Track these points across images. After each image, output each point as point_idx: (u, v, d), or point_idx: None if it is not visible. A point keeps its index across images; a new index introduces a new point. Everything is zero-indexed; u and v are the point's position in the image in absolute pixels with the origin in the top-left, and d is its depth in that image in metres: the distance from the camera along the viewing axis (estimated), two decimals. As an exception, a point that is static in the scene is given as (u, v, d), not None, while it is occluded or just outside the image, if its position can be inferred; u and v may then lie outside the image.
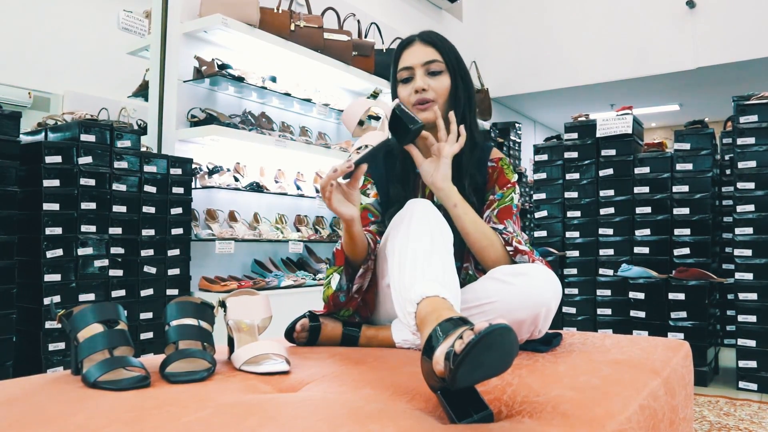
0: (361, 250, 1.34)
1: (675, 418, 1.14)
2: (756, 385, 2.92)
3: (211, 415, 0.81)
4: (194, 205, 3.03)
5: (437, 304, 0.98)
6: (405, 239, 1.14)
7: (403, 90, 1.47)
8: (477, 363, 0.76)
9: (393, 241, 1.19)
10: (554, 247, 3.63)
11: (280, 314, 1.36)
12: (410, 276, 1.07)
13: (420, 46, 1.47)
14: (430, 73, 1.45)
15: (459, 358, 0.75)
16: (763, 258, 2.93)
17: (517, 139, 6.53)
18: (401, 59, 1.48)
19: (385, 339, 1.37)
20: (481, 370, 0.78)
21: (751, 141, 3.01)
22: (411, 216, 1.19)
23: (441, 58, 1.46)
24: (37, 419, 0.81)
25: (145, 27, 3.43)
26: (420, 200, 1.25)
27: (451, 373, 0.77)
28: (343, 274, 1.37)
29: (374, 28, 4.42)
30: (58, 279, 2.39)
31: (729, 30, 5.40)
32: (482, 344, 0.75)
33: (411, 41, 1.49)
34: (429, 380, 0.86)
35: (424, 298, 1.00)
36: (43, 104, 4.32)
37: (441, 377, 0.81)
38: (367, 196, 1.51)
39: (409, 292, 1.04)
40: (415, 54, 1.46)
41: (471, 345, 0.75)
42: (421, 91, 1.43)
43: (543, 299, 1.22)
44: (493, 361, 0.78)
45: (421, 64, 1.45)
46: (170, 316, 1.12)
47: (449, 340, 0.82)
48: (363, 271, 1.36)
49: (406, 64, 1.46)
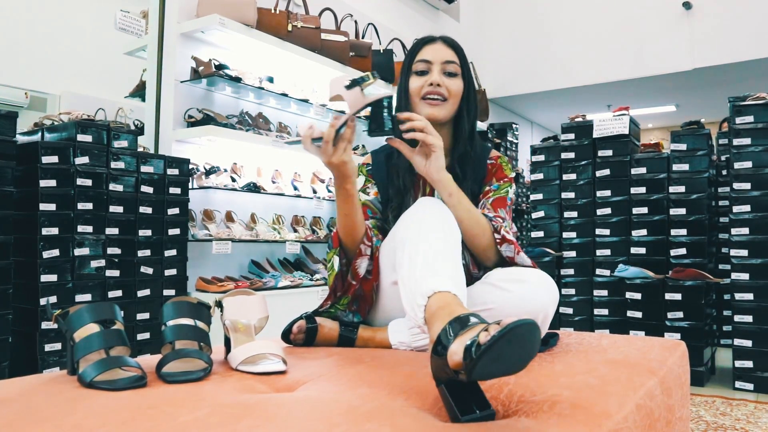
0: (359, 223, 1.37)
1: (671, 417, 1.15)
2: (752, 385, 2.92)
3: (207, 415, 0.81)
4: (191, 206, 3.02)
5: (449, 300, 0.99)
6: (417, 234, 1.15)
7: (416, 81, 1.48)
8: (499, 356, 0.76)
9: (404, 233, 1.19)
10: (551, 248, 3.64)
11: (276, 314, 1.36)
12: (422, 270, 1.07)
13: (441, 46, 1.50)
14: (447, 73, 1.48)
15: (483, 349, 0.75)
16: (759, 258, 2.94)
17: (514, 139, 6.54)
18: (420, 52, 1.50)
19: (381, 341, 1.37)
20: (501, 364, 0.78)
21: (747, 142, 3.02)
22: (424, 212, 1.20)
23: (458, 62, 1.49)
24: (33, 419, 0.81)
25: (142, 27, 3.43)
26: (432, 198, 1.26)
27: (471, 362, 0.77)
28: (338, 256, 1.41)
29: (371, 29, 4.42)
30: (55, 279, 2.39)
31: (725, 31, 5.42)
32: (508, 338, 0.75)
33: (433, 39, 1.51)
34: (438, 373, 0.86)
35: (435, 293, 1.01)
36: (40, 104, 4.31)
37: (455, 369, 0.81)
38: (367, 194, 1.53)
39: (420, 285, 1.04)
40: (437, 51, 1.49)
41: (497, 337, 0.74)
42: (436, 85, 1.45)
43: (541, 305, 1.23)
44: (514, 357, 0.78)
45: (440, 62, 1.47)
46: (167, 316, 1.12)
47: (470, 332, 0.82)
48: (357, 255, 1.39)
49: (425, 57, 1.48)
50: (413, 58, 1.50)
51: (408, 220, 1.22)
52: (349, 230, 1.38)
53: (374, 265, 1.40)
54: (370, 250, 1.40)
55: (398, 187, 1.50)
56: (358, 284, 1.39)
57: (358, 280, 1.39)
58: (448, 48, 1.50)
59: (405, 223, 1.22)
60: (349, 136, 1.26)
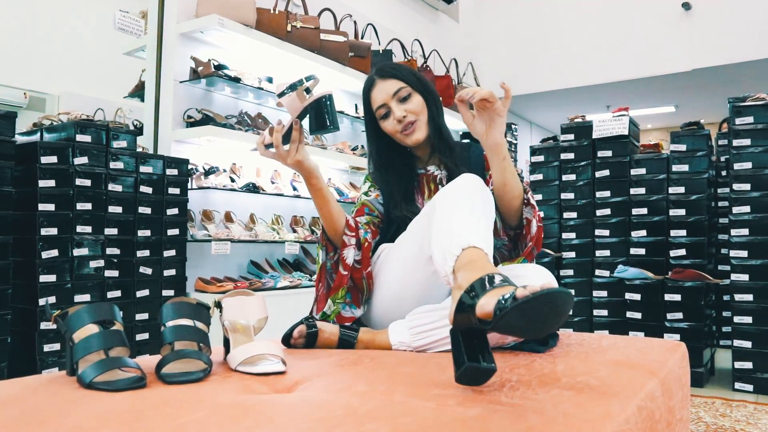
0: (335, 214, 1.47)
1: (672, 419, 1.14)
2: (752, 386, 2.92)
3: (207, 416, 0.81)
4: (190, 206, 3.02)
5: (482, 257, 1.03)
6: (460, 193, 1.21)
7: (386, 124, 1.58)
8: (529, 314, 0.79)
9: (446, 193, 1.24)
10: (551, 249, 3.63)
11: (276, 315, 1.36)
12: (460, 223, 1.11)
13: (381, 83, 1.57)
14: (402, 99, 1.56)
15: (519, 302, 0.78)
16: (758, 259, 2.94)
17: (513, 140, 6.54)
18: (372, 101, 1.59)
19: (382, 343, 1.38)
20: (527, 321, 0.81)
21: (747, 142, 3.02)
22: (465, 182, 1.25)
23: (404, 84, 1.56)
24: (32, 420, 0.80)
25: (141, 27, 3.43)
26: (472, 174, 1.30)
27: (502, 311, 0.80)
28: (324, 250, 1.51)
29: (371, 29, 4.42)
30: (54, 280, 2.38)
31: (724, 32, 5.42)
32: (545, 299, 0.78)
33: (372, 82, 1.60)
34: (461, 318, 0.90)
35: (471, 246, 1.04)
36: (39, 104, 4.31)
37: (481, 319, 0.85)
38: (368, 196, 1.62)
39: (458, 236, 1.07)
40: (382, 90, 1.57)
41: (538, 295, 0.78)
42: (402, 119, 1.54)
43: None
44: (540, 320, 0.81)
45: (391, 96, 1.55)
46: (166, 316, 1.11)
47: (507, 288, 0.85)
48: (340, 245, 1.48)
49: (379, 103, 1.58)
50: (371, 110, 1.59)
51: (448, 189, 1.26)
52: (329, 222, 1.48)
53: (363, 254, 1.47)
54: (355, 240, 1.48)
55: (402, 192, 1.58)
56: (349, 273, 1.46)
57: (348, 270, 1.46)
58: (388, 79, 1.56)
59: (446, 191, 1.27)
60: (297, 137, 1.36)
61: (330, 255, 1.51)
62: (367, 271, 1.46)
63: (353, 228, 1.49)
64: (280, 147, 1.36)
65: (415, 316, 1.34)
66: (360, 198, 1.64)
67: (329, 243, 1.51)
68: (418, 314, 1.34)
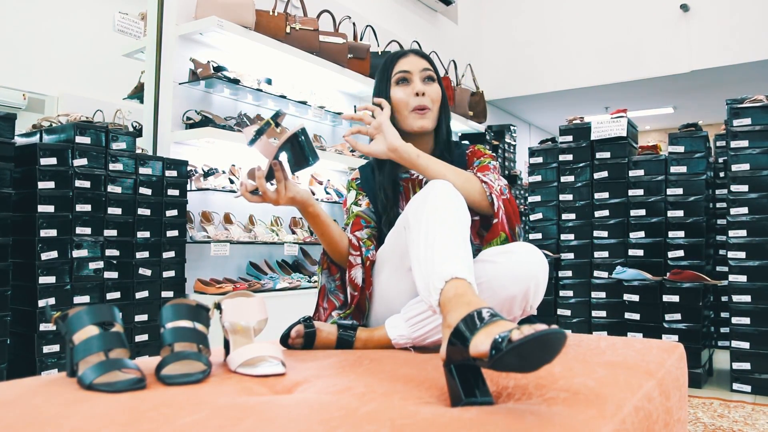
0: (337, 237, 1.47)
1: (669, 419, 1.15)
2: (750, 387, 2.93)
3: (206, 418, 0.81)
4: (189, 208, 3.02)
5: (467, 289, 1.01)
6: (433, 215, 1.16)
7: (399, 91, 1.56)
8: (525, 354, 0.81)
9: (418, 214, 1.19)
10: (549, 250, 3.64)
11: (275, 316, 1.36)
12: (441, 253, 1.09)
13: (415, 57, 1.59)
14: (426, 79, 1.57)
15: (514, 345, 0.79)
16: (756, 260, 2.95)
17: (511, 141, 6.55)
18: (398, 64, 1.58)
19: (380, 339, 1.37)
20: (523, 361, 0.82)
21: (745, 144, 3.03)
22: (436, 194, 1.21)
23: (433, 71, 1.60)
24: (32, 422, 0.80)
25: (140, 29, 3.43)
26: (442, 181, 1.27)
27: (498, 354, 0.81)
28: (327, 273, 1.52)
29: (370, 31, 4.43)
30: (53, 281, 2.38)
31: (723, 33, 5.43)
32: (540, 341, 0.79)
33: (404, 53, 1.61)
34: (454, 355, 0.90)
35: (454, 278, 1.02)
36: (38, 106, 4.31)
37: (476, 357, 0.86)
38: (359, 206, 1.61)
39: (440, 266, 1.05)
40: (413, 62, 1.58)
41: (530, 338, 0.78)
42: (421, 94, 1.54)
43: (530, 273, 1.25)
44: (536, 358, 0.82)
45: (419, 70, 1.57)
46: (165, 318, 1.11)
47: (499, 327, 0.86)
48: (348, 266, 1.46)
49: (404, 68, 1.57)
50: (391, 70, 1.58)
51: (422, 199, 1.22)
52: (332, 246, 1.48)
53: (366, 274, 1.46)
54: (361, 259, 1.47)
55: (385, 200, 1.57)
56: (359, 294, 1.45)
57: (358, 290, 1.45)
58: (422, 58, 1.59)
59: (416, 203, 1.23)
60: (281, 177, 1.34)
61: (335, 277, 1.52)
62: (369, 290, 1.47)
63: (357, 247, 1.48)
64: (268, 191, 1.33)
65: (409, 308, 1.35)
66: (351, 210, 1.62)
67: (333, 265, 1.51)
68: (412, 305, 1.34)
